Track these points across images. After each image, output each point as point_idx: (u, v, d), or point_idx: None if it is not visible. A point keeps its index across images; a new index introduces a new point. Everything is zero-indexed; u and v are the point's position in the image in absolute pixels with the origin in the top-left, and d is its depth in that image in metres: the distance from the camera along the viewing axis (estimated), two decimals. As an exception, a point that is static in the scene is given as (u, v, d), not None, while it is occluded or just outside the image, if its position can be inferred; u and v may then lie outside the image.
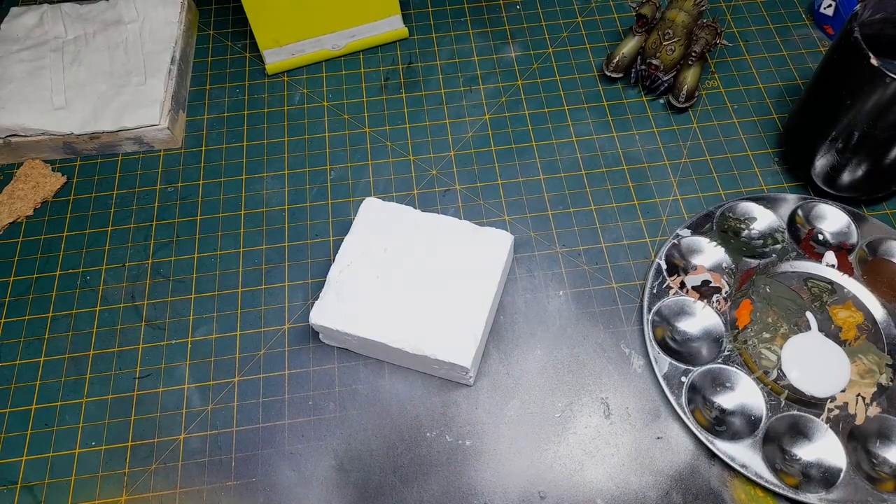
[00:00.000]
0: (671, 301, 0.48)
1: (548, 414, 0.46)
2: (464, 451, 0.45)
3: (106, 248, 0.54)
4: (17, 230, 0.55)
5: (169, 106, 0.58)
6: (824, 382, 0.45)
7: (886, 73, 0.42)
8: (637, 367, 0.48)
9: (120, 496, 0.44)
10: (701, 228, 0.51)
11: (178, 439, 0.46)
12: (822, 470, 0.42)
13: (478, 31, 0.65)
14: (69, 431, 0.47)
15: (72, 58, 0.60)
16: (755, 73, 0.61)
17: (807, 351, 0.47)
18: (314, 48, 0.63)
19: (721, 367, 0.46)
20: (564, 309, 0.50)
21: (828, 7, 0.62)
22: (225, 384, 0.48)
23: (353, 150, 0.58)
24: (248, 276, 0.52)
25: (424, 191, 0.56)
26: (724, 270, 0.50)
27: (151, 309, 0.51)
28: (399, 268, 0.47)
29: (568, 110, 0.60)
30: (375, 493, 0.44)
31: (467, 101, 0.61)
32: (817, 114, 0.50)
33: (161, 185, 0.57)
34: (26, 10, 0.63)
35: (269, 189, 0.57)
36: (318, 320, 0.45)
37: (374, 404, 0.47)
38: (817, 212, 0.52)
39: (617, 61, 0.59)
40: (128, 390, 0.48)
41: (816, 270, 0.50)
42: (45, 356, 0.49)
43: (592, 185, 0.56)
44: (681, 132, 0.58)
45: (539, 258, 0.52)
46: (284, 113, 0.61)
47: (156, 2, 0.63)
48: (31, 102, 0.57)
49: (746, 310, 0.48)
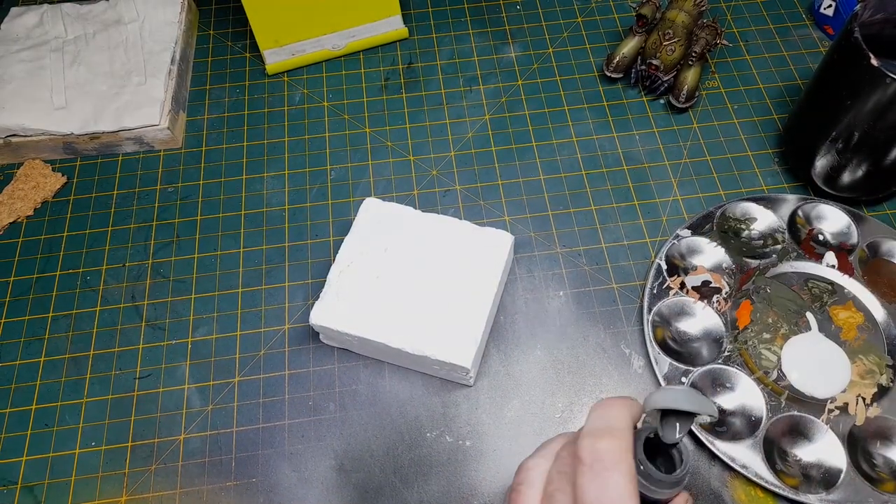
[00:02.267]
0: (671, 301, 0.48)
1: (548, 414, 0.46)
2: (464, 451, 0.45)
3: (106, 249, 0.54)
4: (18, 230, 0.55)
5: (169, 106, 0.58)
6: (824, 383, 0.45)
7: (886, 74, 0.42)
8: (637, 367, 0.48)
9: (120, 496, 0.44)
10: (701, 229, 0.51)
11: (178, 439, 0.46)
12: (822, 470, 0.42)
13: (478, 31, 0.65)
14: (69, 431, 0.47)
15: (72, 58, 0.60)
16: (755, 73, 0.61)
17: (807, 352, 0.47)
18: (314, 48, 0.63)
19: (721, 368, 0.46)
20: (565, 309, 0.50)
21: (828, 7, 0.62)
22: (225, 384, 0.48)
23: (354, 151, 0.58)
24: (248, 276, 0.52)
25: (424, 191, 0.56)
26: (724, 271, 0.50)
27: (151, 309, 0.51)
28: (399, 268, 0.47)
29: (568, 110, 0.60)
30: (375, 494, 0.44)
31: (467, 101, 0.61)
32: (817, 114, 0.50)
33: (161, 186, 0.57)
34: (26, 10, 0.63)
35: (269, 189, 0.57)
36: (319, 320, 0.45)
37: (374, 404, 0.47)
38: (817, 212, 0.52)
39: (617, 61, 0.59)
40: (128, 390, 0.48)
41: (817, 271, 0.50)
42: (45, 356, 0.49)
43: (592, 185, 0.56)
44: (681, 132, 0.58)
45: (539, 258, 0.52)
46: (284, 113, 0.61)
47: (156, 2, 0.63)
48: (31, 102, 0.57)
49: (746, 310, 0.48)
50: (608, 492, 0.27)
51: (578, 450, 0.28)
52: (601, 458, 0.27)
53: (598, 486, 0.27)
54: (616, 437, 0.28)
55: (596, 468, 0.27)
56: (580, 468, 0.28)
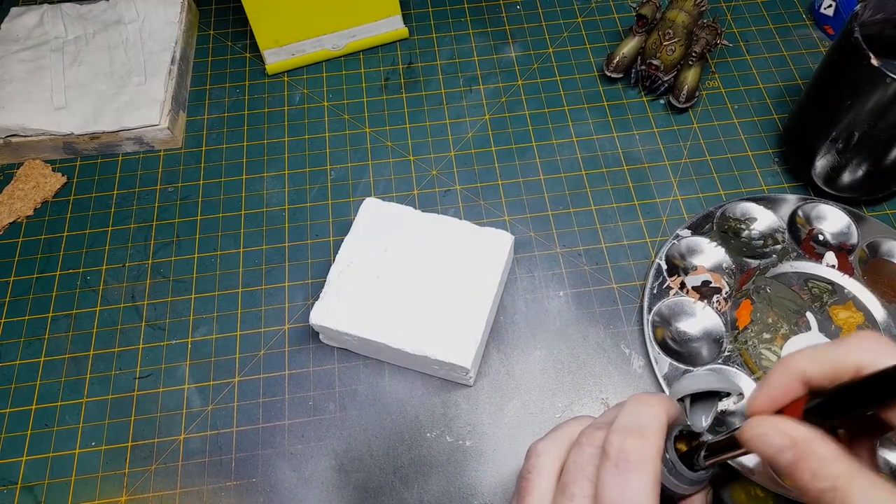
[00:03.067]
0: (671, 301, 0.48)
1: (548, 414, 0.46)
2: (464, 451, 0.45)
3: (106, 248, 0.54)
4: (18, 230, 0.55)
5: (169, 106, 0.58)
6: (824, 383, 0.45)
7: (887, 74, 0.42)
8: (637, 367, 0.48)
9: (120, 496, 0.44)
10: (701, 229, 0.51)
11: (178, 439, 0.46)
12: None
13: (478, 31, 0.65)
14: (69, 431, 0.47)
15: (72, 58, 0.60)
16: (755, 73, 0.61)
17: (807, 351, 0.46)
18: (314, 48, 0.63)
19: (721, 368, 0.46)
20: (565, 309, 0.50)
21: (828, 7, 0.62)
22: (225, 384, 0.48)
23: (354, 151, 0.58)
24: (248, 276, 0.52)
25: (424, 191, 0.56)
26: (724, 271, 0.50)
27: (151, 309, 0.51)
28: (399, 268, 0.47)
29: (568, 110, 0.60)
30: (375, 494, 0.44)
31: (467, 101, 0.61)
32: (817, 114, 0.50)
33: (161, 185, 0.57)
34: (26, 10, 0.63)
35: (269, 189, 0.57)
36: (319, 320, 0.45)
37: (374, 405, 0.47)
38: (817, 212, 0.52)
39: (617, 61, 0.59)
40: (128, 390, 0.48)
41: (817, 271, 0.50)
42: (45, 356, 0.49)
43: (592, 185, 0.56)
44: (681, 132, 0.58)
45: (539, 258, 0.52)
46: (284, 113, 0.61)
47: (156, 2, 0.63)
48: (31, 102, 0.57)
49: (747, 310, 0.48)
50: (629, 493, 0.26)
51: (606, 444, 0.28)
52: (627, 457, 0.27)
53: (620, 485, 0.27)
54: (646, 438, 0.28)
55: (621, 467, 0.27)
56: (605, 463, 0.27)
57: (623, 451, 0.27)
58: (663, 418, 0.29)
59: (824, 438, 0.24)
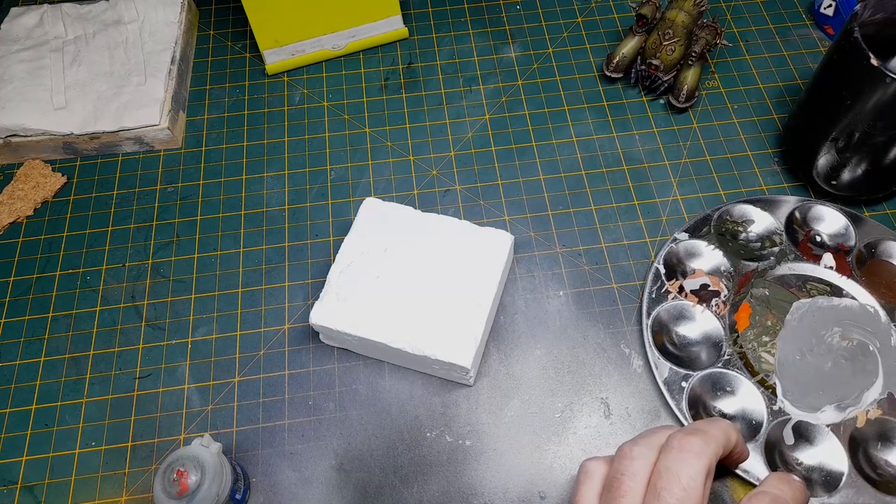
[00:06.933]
0: (670, 305, 0.48)
1: (548, 414, 0.46)
2: (464, 451, 0.45)
3: (106, 248, 0.54)
4: (18, 230, 0.55)
5: (169, 106, 0.58)
6: (824, 383, 0.45)
7: (886, 73, 0.42)
8: (637, 367, 0.48)
9: (120, 496, 0.44)
10: (698, 232, 0.51)
11: (178, 439, 0.46)
12: (823, 474, 0.42)
13: (478, 31, 0.65)
14: (69, 431, 0.47)
15: (72, 58, 0.60)
16: (755, 73, 0.61)
17: (806, 352, 0.47)
18: (314, 48, 0.63)
19: (721, 372, 0.46)
20: (564, 309, 0.50)
21: (828, 7, 0.62)
22: (225, 384, 0.48)
23: (353, 150, 0.58)
24: (248, 276, 0.52)
25: (424, 191, 0.56)
26: (722, 274, 0.50)
27: (151, 309, 0.51)
28: (399, 268, 0.47)
29: (568, 110, 0.60)
30: (375, 494, 0.44)
31: (467, 101, 0.61)
32: (817, 114, 0.50)
33: (161, 185, 0.57)
34: (26, 10, 0.63)
35: (269, 189, 0.57)
36: (319, 320, 0.45)
37: (374, 404, 0.47)
38: (814, 213, 0.52)
39: (617, 61, 0.59)
40: (128, 390, 0.48)
41: (815, 272, 0.50)
42: (45, 356, 0.49)
43: (592, 185, 0.56)
44: (681, 132, 0.58)
45: (539, 258, 0.52)
46: (284, 113, 0.61)
47: (156, 2, 0.63)
48: (31, 102, 0.57)
49: (745, 313, 0.48)
50: (686, 468, 0.30)
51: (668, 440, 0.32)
52: (688, 448, 0.31)
53: (678, 461, 0.31)
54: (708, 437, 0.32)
55: (683, 454, 0.31)
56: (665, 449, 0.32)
57: (686, 443, 0.31)
58: (733, 435, 0.34)
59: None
